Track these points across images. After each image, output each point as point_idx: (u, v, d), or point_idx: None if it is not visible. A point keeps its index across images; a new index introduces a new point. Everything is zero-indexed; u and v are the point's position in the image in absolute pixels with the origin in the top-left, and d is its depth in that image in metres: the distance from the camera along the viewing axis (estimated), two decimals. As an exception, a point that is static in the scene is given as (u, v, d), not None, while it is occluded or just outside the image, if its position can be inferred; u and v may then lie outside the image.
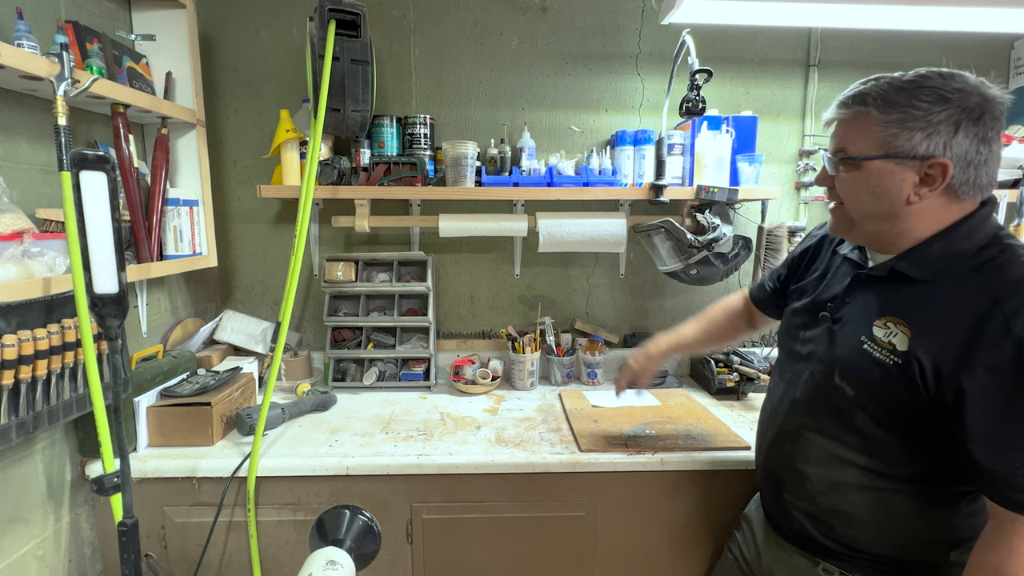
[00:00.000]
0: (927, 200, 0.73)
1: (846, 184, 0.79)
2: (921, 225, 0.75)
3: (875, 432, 0.80)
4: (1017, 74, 1.87)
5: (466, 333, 1.95)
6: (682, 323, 1.29)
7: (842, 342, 0.83)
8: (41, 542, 1.17)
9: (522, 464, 1.26)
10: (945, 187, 0.72)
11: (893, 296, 0.78)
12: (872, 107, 0.73)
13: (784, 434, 0.95)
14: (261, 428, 1.22)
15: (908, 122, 0.70)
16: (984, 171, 0.71)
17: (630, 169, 1.76)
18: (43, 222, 1.14)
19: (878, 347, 0.77)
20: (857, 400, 0.81)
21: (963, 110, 0.69)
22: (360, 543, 0.90)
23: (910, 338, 0.73)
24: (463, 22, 1.79)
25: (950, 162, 0.70)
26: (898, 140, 0.71)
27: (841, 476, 0.86)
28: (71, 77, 1.06)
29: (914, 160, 0.71)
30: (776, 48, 1.85)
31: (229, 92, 1.78)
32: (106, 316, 0.95)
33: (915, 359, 0.73)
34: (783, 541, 1.00)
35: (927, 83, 0.70)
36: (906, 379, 0.74)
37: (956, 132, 0.69)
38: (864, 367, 0.79)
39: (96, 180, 0.90)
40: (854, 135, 0.75)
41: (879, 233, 0.79)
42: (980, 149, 0.70)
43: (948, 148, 0.69)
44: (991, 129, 0.70)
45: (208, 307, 1.85)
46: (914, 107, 0.70)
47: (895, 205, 0.74)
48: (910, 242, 0.77)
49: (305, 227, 1.31)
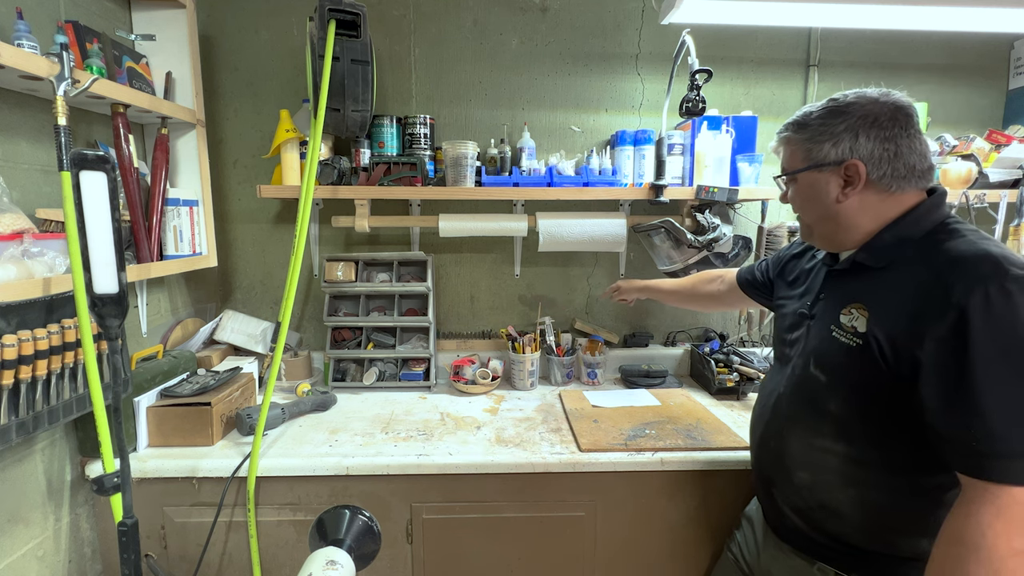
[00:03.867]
0: (856, 197, 0.84)
1: (793, 197, 0.94)
2: (863, 220, 0.85)
3: (849, 417, 0.85)
4: (1017, 74, 1.87)
5: (466, 333, 1.95)
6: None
7: (815, 334, 0.91)
8: (41, 542, 1.17)
9: (522, 464, 1.26)
10: (868, 184, 0.83)
11: (855, 286, 0.86)
12: (792, 131, 0.89)
13: (771, 431, 0.99)
14: (261, 428, 1.22)
15: (817, 136, 0.84)
16: (899, 164, 0.81)
17: (630, 169, 1.76)
18: (43, 222, 1.14)
19: (843, 332, 0.85)
20: (829, 385, 0.87)
21: (859, 118, 0.81)
22: (360, 543, 0.90)
23: (868, 319, 0.81)
24: (463, 22, 1.80)
25: (860, 162, 0.81)
26: (814, 152, 0.85)
27: (824, 468, 0.89)
28: (71, 77, 1.06)
29: (831, 165, 0.84)
30: (776, 48, 1.85)
31: (229, 92, 1.78)
32: (106, 316, 0.95)
33: (873, 338, 0.79)
34: (780, 542, 1.01)
35: (828, 104, 0.86)
36: (868, 358, 0.80)
37: (857, 137, 0.81)
38: (832, 352, 0.86)
39: (96, 180, 0.90)
40: (787, 156, 0.92)
41: (831, 233, 0.90)
42: (886, 147, 0.80)
43: (854, 151, 0.82)
44: (892, 129, 0.80)
45: (208, 307, 1.85)
46: (819, 124, 0.84)
47: (828, 206, 0.86)
48: (861, 236, 0.86)
49: (305, 227, 1.31)
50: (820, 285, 0.95)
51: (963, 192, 1.64)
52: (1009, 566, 0.66)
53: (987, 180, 1.66)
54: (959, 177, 1.66)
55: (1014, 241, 1.61)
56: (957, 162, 1.68)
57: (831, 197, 0.85)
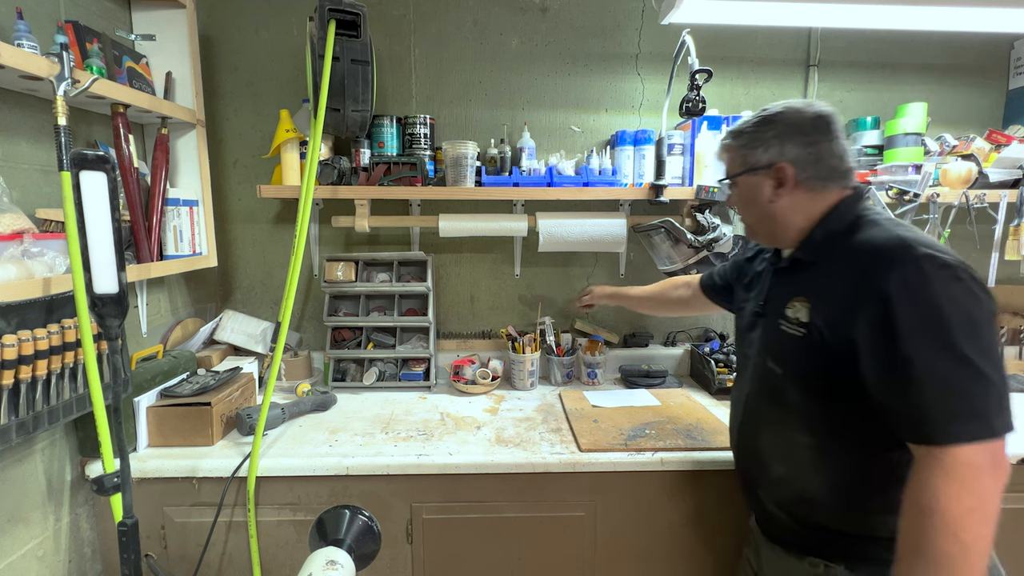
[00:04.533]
0: (787, 197, 0.92)
1: (734, 200, 1.02)
2: (796, 218, 0.93)
3: (808, 406, 0.90)
4: (1017, 74, 1.87)
5: (466, 333, 1.95)
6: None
7: (767, 330, 0.98)
8: (41, 542, 1.17)
9: (522, 464, 1.26)
10: (796, 184, 0.91)
11: (796, 281, 0.93)
12: (731, 139, 0.98)
13: (745, 431, 1.04)
14: (261, 428, 1.22)
15: (751, 144, 0.94)
16: (822, 166, 0.90)
17: (630, 169, 1.76)
18: (43, 222, 1.14)
19: (789, 324, 0.91)
20: (785, 377, 0.93)
21: (785, 126, 0.91)
22: (360, 543, 0.90)
23: (809, 310, 0.88)
24: (463, 22, 1.80)
25: (788, 165, 0.90)
26: (749, 158, 0.94)
27: (796, 460, 0.94)
28: (71, 77, 1.06)
29: (764, 169, 0.93)
30: (776, 48, 1.85)
31: (229, 92, 1.78)
32: (106, 316, 0.95)
33: (815, 327, 0.86)
34: (774, 544, 1.03)
35: (760, 115, 0.94)
36: (813, 346, 0.87)
37: (784, 143, 0.90)
38: (782, 344, 0.93)
39: (96, 180, 0.90)
40: (728, 162, 1.00)
41: (770, 231, 0.98)
42: (809, 151, 0.90)
43: (782, 155, 0.91)
44: (814, 135, 0.90)
45: (208, 307, 1.85)
46: (752, 132, 0.94)
47: (764, 206, 0.95)
48: (796, 233, 0.94)
49: (305, 227, 1.31)
50: (768, 284, 1.02)
51: (963, 192, 1.64)
52: (964, 525, 0.70)
53: (987, 180, 1.66)
54: (959, 177, 1.65)
55: (1014, 241, 1.61)
56: (957, 162, 1.68)
57: (765, 197, 0.94)
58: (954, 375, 0.73)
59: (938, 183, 1.69)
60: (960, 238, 1.77)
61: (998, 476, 0.73)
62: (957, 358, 0.73)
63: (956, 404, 0.73)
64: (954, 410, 0.72)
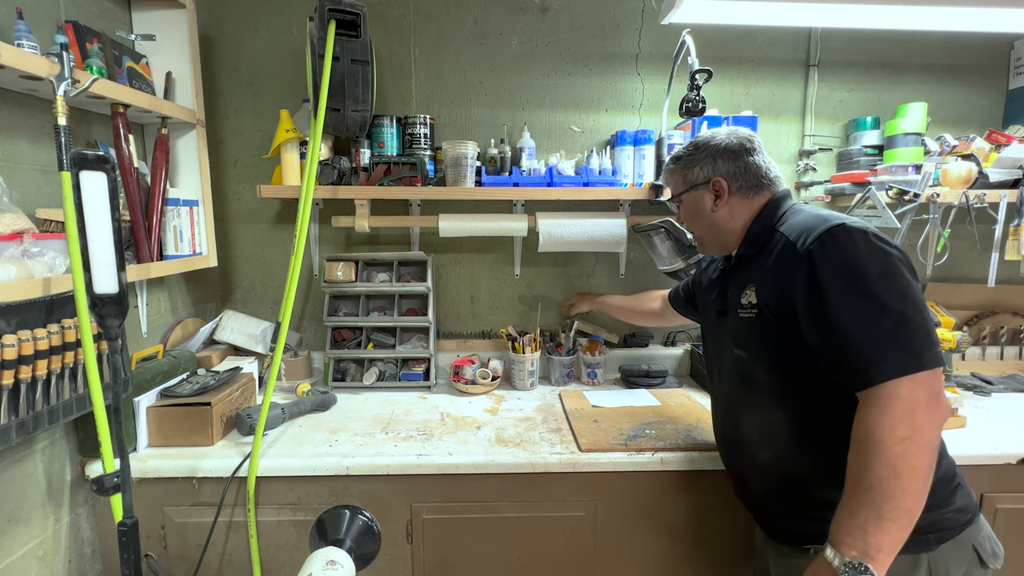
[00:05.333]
0: (726, 207, 1.05)
1: (682, 216, 1.15)
2: (736, 223, 1.05)
3: (775, 382, 0.98)
4: (1017, 74, 1.87)
5: (466, 333, 1.95)
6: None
7: (731, 323, 1.06)
8: (41, 542, 1.17)
9: (522, 464, 1.26)
10: (731, 194, 1.04)
11: (745, 274, 1.03)
12: (672, 164, 1.13)
13: (728, 424, 1.10)
14: (261, 428, 1.22)
15: (689, 165, 1.08)
16: (748, 176, 1.04)
17: (630, 169, 1.76)
18: (43, 222, 1.14)
19: (745, 310, 1.01)
20: (750, 359, 1.01)
21: (715, 148, 1.06)
22: (360, 543, 0.90)
23: (756, 291, 0.98)
24: (463, 22, 1.80)
25: (722, 178, 1.04)
26: (689, 177, 1.08)
27: (777, 440, 0.99)
28: (71, 77, 1.06)
29: (703, 184, 1.06)
30: (776, 48, 1.85)
31: (229, 92, 1.78)
32: (106, 316, 0.95)
33: (763, 304, 0.96)
34: (779, 544, 1.03)
35: (693, 141, 1.10)
36: (765, 321, 0.96)
37: (716, 161, 1.05)
38: (742, 329, 1.02)
39: (96, 180, 0.90)
40: (672, 184, 1.14)
41: (717, 238, 1.09)
42: (736, 165, 1.04)
43: (715, 171, 1.05)
44: (739, 153, 1.04)
45: (208, 307, 1.85)
46: (689, 156, 1.09)
47: (707, 216, 1.07)
48: (739, 235, 1.06)
49: (305, 227, 1.31)
50: (724, 284, 1.11)
51: (963, 192, 1.64)
52: (897, 452, 0.76)
53: (987, 180, 1.65)
54: (959, 177, 1.65)
55: (1014, 241, 1.61)
56: (957, 162, 1.68)
57: (708, 208, 1.06)
58: (878, 320, 0.81)
59: (938, 183, 1.69)
60: (960, 238, 1.78)
61: (934, 410, 0.78)
62: (877, 305, 0.81)
63: (884, 346, 0.80)
64: (884, 350, 0.80)
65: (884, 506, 0.76)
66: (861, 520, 0.78)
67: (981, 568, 0.92)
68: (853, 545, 0.77)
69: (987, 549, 0.93)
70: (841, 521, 0.80)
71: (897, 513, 0.76)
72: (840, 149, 1.89)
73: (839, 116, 1.90)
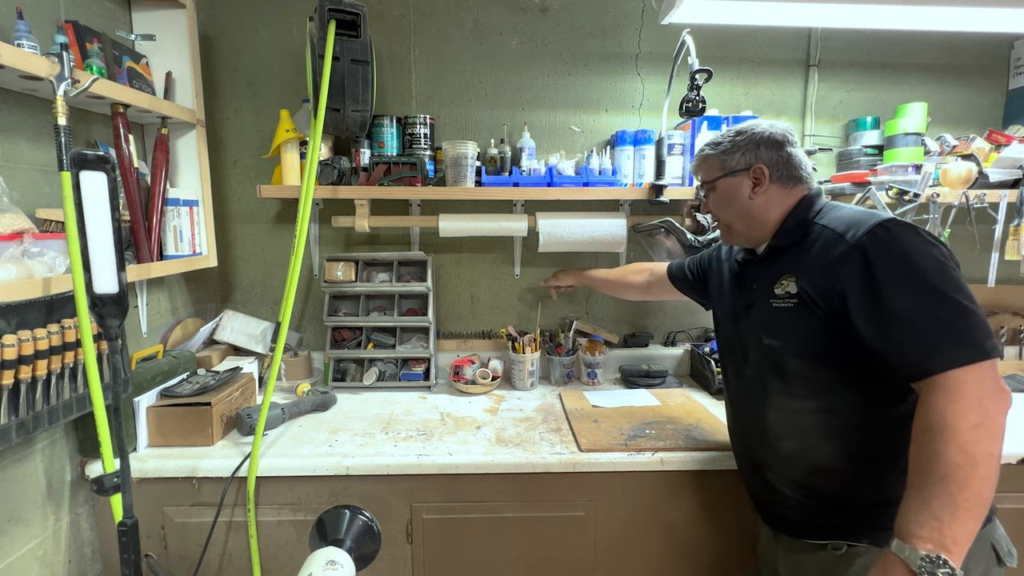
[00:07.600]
0: (764, 194, 1.03)
1: (713, 202, 1.11)
2: (772, 213, 1.04)
3: (809, 371, 0.96)
4: (1017, 74, 1.87)
5: (466, 333, 1.95)
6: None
7: (759, 313, 1.05)
8: (41, 542, 1.17)
9: (522, 464, 1.26)
10: (771, 182, 1.03)
11: (778, 265, 1.02)
12: (709, 149, 1.10)
13: (751, 413, 1.08)
14: (261, 428, 1.22)
15: (729, 151, 1.06)
16: (790, 167, 1.03)
17: (630, 169, 1.76)
18: (43, 222, 1.14)
19: (780, 300, 0.99)
20: (783, 348, 0.99)
21: (757, 134, 1.04)
22: (360, 543, 0.90)
23: (796, 281, 0.97)
24: (463, 22, 1.80)
25: (764, 165, 1.02)
26: (728, 163, 1.06)
27: (804, 430, 0.98)
28: (71, 77, 1.06)
29: (743, 171, 1.05)
30: (776, 48, 1.85)
31: (229, 92, 1.78)
32: (106, 316, 0.95)
33: (804, 292, 0.95)
34: (792, 540, 1.03)
35: (732, 128, 1.08)
36: (805, 310, 0.94)
37: (758, 148, 1.03)
38: (777, 318, 1.00)
39: (96, 180, 0.90)
40: (706, 170, 1.11)
41: (747, 229, 1.07)
42: (780, 155, 1.03)
43: (758, 158, 1.03)
44: (781, 144, 1.03)
45: (208, 307, 1.85)
46: (730, 141, 1.06)
47: (744, 203, 1.05)
48: (771, 227, 1.04)
49: (305, 227, 1.31)
50: (749, 278, 1.10)
51: (963, 192, 1.64)
52: (971, 438, 0.74)
53: (987, 180, 1.65)
54: (959, 177, 1.65)
55: (1014, 241, 1.61)
56: (957, 162, 1.68)
57: (745, 195, 1.04)
58: (939, 310, 0.80)
59: (938, 183, 1.69)
60: (960, 238, 1.77)
61: (1000, 399, 0.77)
62: (937, 295, 0.80)
63: (948, 334, 0.79)
64: (948, 339, 0.79)
65: (960, 495, 0.73)
66: (935, 510, 0.74)
67: (998, 566, 0.92)
68: (928, 538, 0.73)
69: (1003, 548, 0.92)
70: (911, 513, 0.76)
71: (974, 502, 0.73)
72: (840, 149, 1.89)
73: (839, 116, 1.90)
